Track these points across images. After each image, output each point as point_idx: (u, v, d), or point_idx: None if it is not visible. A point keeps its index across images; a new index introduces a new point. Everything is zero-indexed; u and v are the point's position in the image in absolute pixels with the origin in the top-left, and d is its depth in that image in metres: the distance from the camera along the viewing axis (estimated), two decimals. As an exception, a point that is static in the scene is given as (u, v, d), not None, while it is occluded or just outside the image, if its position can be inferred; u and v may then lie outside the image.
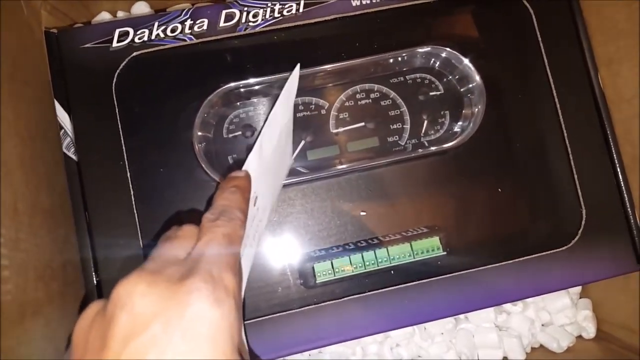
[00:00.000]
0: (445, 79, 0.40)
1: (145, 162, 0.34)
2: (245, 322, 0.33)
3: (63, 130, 0.34)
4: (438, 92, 0.41)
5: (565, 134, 0.37)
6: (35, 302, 0.30)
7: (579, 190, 0.36)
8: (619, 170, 0.37)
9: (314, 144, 0.40)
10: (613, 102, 0.37)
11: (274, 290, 0.34)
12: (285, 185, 0.37)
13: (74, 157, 0.34)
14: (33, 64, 0.35)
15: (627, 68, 0.36)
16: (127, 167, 0.34)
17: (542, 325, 0.44)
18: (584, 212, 0.36)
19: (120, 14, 0.45)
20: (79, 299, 0.35)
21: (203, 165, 0.35)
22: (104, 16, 0.45)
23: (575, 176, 0.36)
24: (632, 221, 0.36)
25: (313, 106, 0.40)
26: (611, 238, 0.36)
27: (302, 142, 0.40)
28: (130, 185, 0.33)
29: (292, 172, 0.38)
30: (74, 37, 0.34)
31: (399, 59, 0.40)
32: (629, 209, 0.36)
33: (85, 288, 0.33)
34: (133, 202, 0.33)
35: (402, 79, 0.41)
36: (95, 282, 0.33)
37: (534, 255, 0.36)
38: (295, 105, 0.40)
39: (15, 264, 0.28)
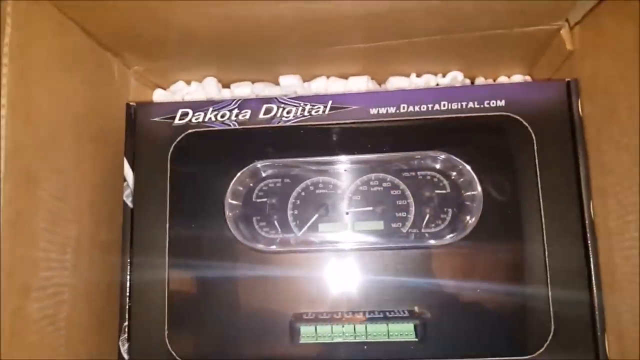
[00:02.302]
0: (452, 181, 0.45)
1: (182, 216, 0.42)
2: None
3: (126, 183, 0.43)
4: (444, 191, 0.46)
5: (547, 253, 0.40)
6: (79, 314, 0.39)
7: (552, 307, 0.39)
8: (595, 296, 0.39)
9: (327, 218, 0.46)
10: (600, 232, 0.40)
11: (260, 339, 0.41)
12: (293, 252, 0.44)
13: (130, 205, 0.43)
14: (116, 125, 0.45)
15: (615, 202, 0.39)
16: (167, 218, 0.42)
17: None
18: (552, 327, 0.39)
19: (194, 85, 0.55)
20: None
21: (229, 224, 0.43)
22: (180, 85, 0.55)
23: (550, 293, 0.39)
24: (599, 347, 0.38)
25: (331, 186, 0.47)
26: (574, 354, 0.38)
27: (316, 216, 0.46)
28: (167, 233, 0.42)
29: (303, 242, 0.45)
30: (147, 111, 0.44)
31: (412, 158, 0.45)
32: (598, 334, 0.39)
33: (120, 307, 0.42)
34: (166, 247, 0.42)
35: (413, 174, 0.46)
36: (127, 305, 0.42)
37: (498, 358, 0.39)
38: (316, 183, 0.47)
39: (71, 284, 0.37)
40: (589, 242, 0.40)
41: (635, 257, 0.36)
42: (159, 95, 0.56)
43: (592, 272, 0.39)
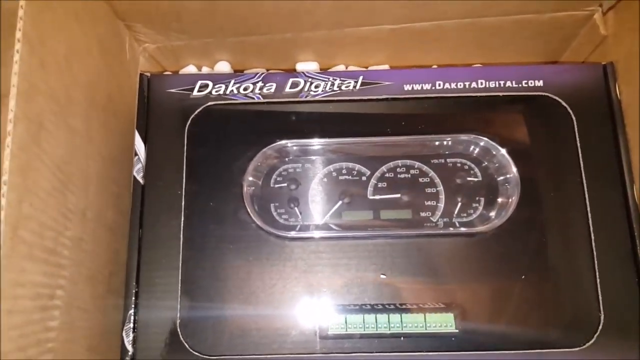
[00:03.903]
0: (484, 167, 0.43)
1: (199, 194, 0.38)
2: (255, 356, 0.35)
3: (137, 157, 0.39)
4: (475, 179, 0.43)
5: (593, 238, 0.38)
6: (80, 299, 0.34)
7: (600, 295, 0.36)
8: (644, 282, 0.37)
9: (351, 206, 0.43)
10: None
11: (287, 332, 0.36)
12: (316, 239, 0.40)
13: (141, 181, 0.39)
14: (124, 100, 0.42)
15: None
16: (183, 195, 0.38)
17: None
18: (602, 317, 0.36)
19: (205, 69, 0.52)
20: (119, 307, 0.39)
21: (247, 206, 0.39)
22: (190, 69, 0.52)
23: (598, 280, 0.37)
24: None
25: (355, 172, 0.44)
26: (626, 347, 0.36)
27: (339, 203, 0.43)
28: (182, 212, 0.38)
29: (326, 228, 0.41)
30: (163, 81, 0.41)
31: (443, 142, 0.43)
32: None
33: (125, 296, 0.37)
34: (181, 226, 0.38)
35: (442, 161, 0.44)
36: (134, 291, 0.37)
37: (545, 350, 0.36)
38: (339, 169, 0.44)
39: (74, 261, 0.33)
40: (634, 226, 0.38)
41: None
42: (168, 78, 0.52)
43: (638, 256, 0.37)
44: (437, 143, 0.43)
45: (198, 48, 0.51)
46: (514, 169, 0.40)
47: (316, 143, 0.42)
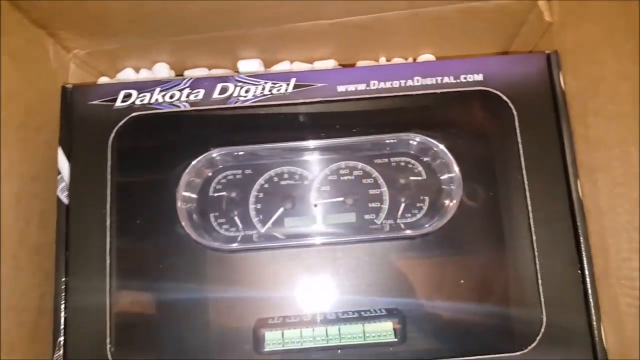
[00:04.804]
0: (426, 166, 0.41)
1: (126, 212, 0.37)
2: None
3: (60, 176, 0.37)
4: (419, 178, 0.42)
5: (535, 238, 0.36)
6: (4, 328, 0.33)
7: (542, 296, 0.35)
8: (588, 280, 0.36)
9: (294, 212, 0.41)
10: (590, 213, 0.37)
11: (221, 350, 0.35)
12: (257, 249, 0.39)
13: (65, 200, 0.37)
14: (50, 113, 0.40)
15: (606, 177, 0.36)
16: (107, 215, 0.37)
17: None
18: (544, 318, 0.35)
19: (143, 72, 0.50)
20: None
21: (182, 221, 0.38)
22: (127, 72, 0.50)
23: (540, 281, 0.36)
24: (595, 336, 0.35)
25: (297, 176, 0.42)
26: (570, 348, 0.35)
27: (281, 209, 0.42)
28: (108, 232, 0.36)
29: (268, 237, 0.40)
30: (85, 93, 0.39)
31: (385, 141, 0.41)
32: (594, 322, 0.35)
33: (54, 319, 0.36)
34: (107, 248, 0.36)
35: (386, 160, 0.42)
36: (63, 316, 0.36)
37: (487, 356, 0.35)
38: (280, 174, 0.42)
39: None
40: (578, 222, 0.37)
41: (631, 233, 0.33)
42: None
43: (583, 254, 0.36)
44: (376, 143, 0.41)
45: (134, 50, 0.49)
46: (456, 168, 0.39)
47: (250, 150, 0.40)
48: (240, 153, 0.41)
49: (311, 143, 0.41)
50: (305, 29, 0.46)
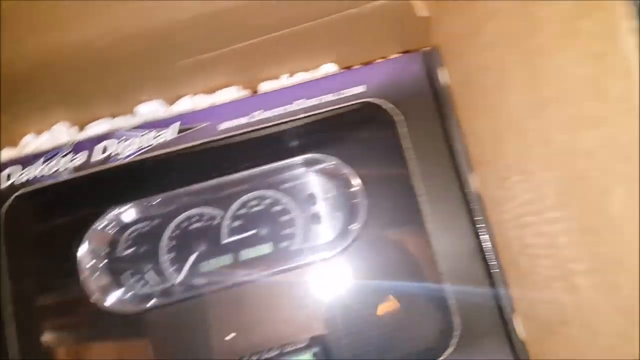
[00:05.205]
0: (331, 185, 0.41)
1: (22, 293, 0.36)
2: None
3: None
4: (328, 196, 0.41)
5: (433, 242, 0.36)
6: None
7: (450, 300, 0.35)
8: (494, 276, 0.36)
9: (208, 255, 0.41)
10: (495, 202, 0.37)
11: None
12: (173, 303, 0.39)
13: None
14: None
15: (494, 170, 0.36)
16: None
17: None
18: (456, 322, 0.35)
19: (44, 136, 0.49)
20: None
21: (87, 291, 0.37)
22: (28, 138, 0.49)
23: (447, 284, 0.35)
24: (511, 330, 0.35)
25: (206, 217, 0.42)
26: (487, 348, 0.35)
27: (195, 254, 0.41)
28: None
29: (187, 286, 0.40)
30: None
31: (283, 167, 0.41)
32: (507, 317, 0.35)
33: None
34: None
35: (292, 184, 0.42)
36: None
37: (409, 366, 0.35)
38: (188, 218, 0.41)
39: None
40: (476, 218, 0.36)
41: (529, 222, 0.32)
42: (8, 155, 0.49)
43: (485, 250, 0.36)
44: (275, 169, 0.41)
45: (31, 114, 0.48)
46: (357, 181, 0.39)
47: (147, 202, 0.39)
48: (146, 205, 0.40)
49: (209, 183, 0.40)
50: (201, 62, 0.46)
